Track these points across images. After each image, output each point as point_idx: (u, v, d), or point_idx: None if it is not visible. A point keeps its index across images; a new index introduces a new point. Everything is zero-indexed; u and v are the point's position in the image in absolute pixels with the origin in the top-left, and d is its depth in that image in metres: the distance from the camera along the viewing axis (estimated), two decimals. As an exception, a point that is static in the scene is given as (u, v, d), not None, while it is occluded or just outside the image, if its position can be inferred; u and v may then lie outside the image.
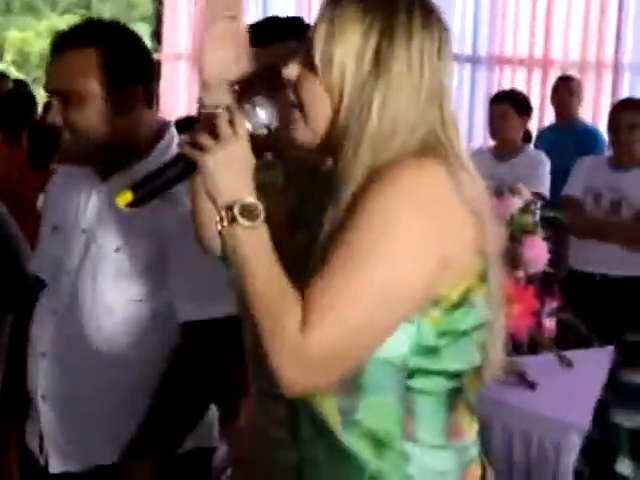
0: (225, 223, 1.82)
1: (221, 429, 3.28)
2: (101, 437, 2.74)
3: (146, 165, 2.67)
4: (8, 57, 27.65)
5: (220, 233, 1.86)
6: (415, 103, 1.88)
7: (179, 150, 1.90)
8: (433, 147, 1.88)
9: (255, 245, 1.82)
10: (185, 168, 1.89)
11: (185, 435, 2.75)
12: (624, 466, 1.89)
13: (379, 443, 1.92)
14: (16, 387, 2.89)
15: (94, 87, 2.68)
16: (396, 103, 1.86)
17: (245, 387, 2.82)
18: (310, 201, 2.04)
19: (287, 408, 2.07)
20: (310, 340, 1.75)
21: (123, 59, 2.72)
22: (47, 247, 2.89)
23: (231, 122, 1.86)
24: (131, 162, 2.73)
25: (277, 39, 2.54)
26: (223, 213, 1.82)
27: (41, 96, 8.83)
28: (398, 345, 1.85)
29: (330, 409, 1.92)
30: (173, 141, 2.80)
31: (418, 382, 1.90)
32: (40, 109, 8.69)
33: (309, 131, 1.93)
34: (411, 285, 1.81)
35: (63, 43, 2.72)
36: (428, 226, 1.81)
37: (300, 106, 1.92)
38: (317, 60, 1.88)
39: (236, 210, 1.81)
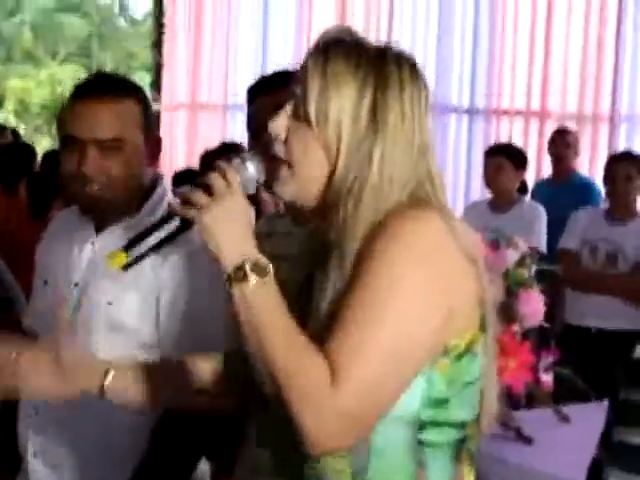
0: (234, 283, 1.80)
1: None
2: None
3: (138, 219, 2.70)
4: (9, 106, 27.75)
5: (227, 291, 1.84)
6: (409, 156, 1.90)
7: (171, 209, 1.88)
8: (423, 200, 1.89)
9: (270, 302, 1.81)
10: (179, 227, 1.88)
11: None
12: None
13: None
14: (8, 443, 2.87)
15: (136, 136, 2.70)
16: (393, 157, 1.87)
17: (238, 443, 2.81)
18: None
19: (289, 468, 2.03)
20: (340, 397, 1.74)
21: (149, 111, 2.79)
22: (39, 301, 2.88)
23: (224, 177, 1.84)
24: (124, 215, 2.73)
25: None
26: (232, 272, 1.80)
27: (41, 145, 8.89)
28: (410, 400, 1.86)
29: (342, 469, 1.91)
30: (165, 195, 2.81)
31: (429, 434, 1.91)
32: (39, 159, 8.69)
33: (298, 187, 1.93)
34: (420, 339, 1.82)
35: (95, 93, 2.71)
36: (432, 279, 1.82)
37: (289, 161, 1.91)
38: (312, 116, 1.87)
39: (247, 268, 1.79)
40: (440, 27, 9.18)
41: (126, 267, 1.88)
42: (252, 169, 1.91)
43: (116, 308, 2.69)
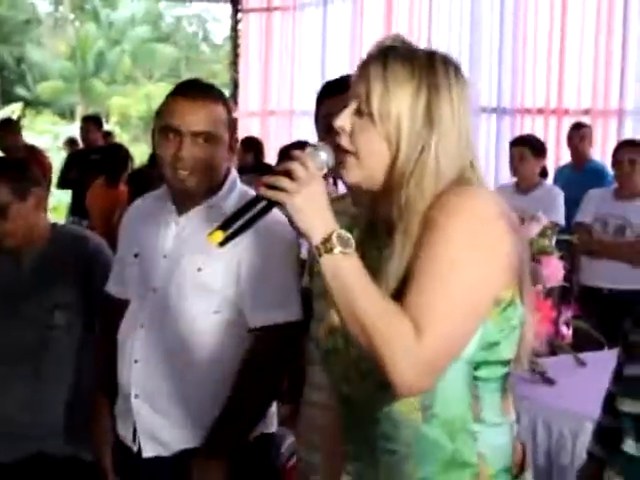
0: (323, 253, 1.79)
1: (289, 422, 3.29)
2: (186, 426, 2.74)
3: (214, 202, 2.73)
4: (113, 119, 28.05)
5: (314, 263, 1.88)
6: (458, 146, 1.90)
7: (261, 193, 1.84)
8: (470, 180, 1.90)
9: (356, 270, 1.80)
10: (265, 208, 1.86)
11: (255, 424, 2.76)
12: (630, 446, 1.85)
13: (453, 428, 1.92)
14: (107, 387, 2.89)
15: (223, 133, 2.73)
16: (445, 147, 1.87)
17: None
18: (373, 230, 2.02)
19: (360, 411, 2.00)
20: (425, 346, 1.74)
21: (232, 114, 2.83)
22: (130, 271, 2.88)
23: (304, 165, 1.83)
24: (203, 198, 2.74)
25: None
26: (320, 245, 1.79)
27: (139, 151, 9.01)
28: (470, 345, 1.86)
29: (413, 405, 1.90)
30: (236, 182, 2.82)
31: (482, 372, 1.92)
32: (142, 161, 8.81)
33: (363, 173, 1.91)
34: (483, 295, 1.84)
35: (193, 93, 2.74)
36: (489, 244, 1.82)
37: (355, 152, 1.90)
38: (376, 116, 1.87)
39: (334, 240, 1.78)
40: (471, 37, 9.15)
41: (223, 243, 1.86)
42: (324, 156, 1.88)
43: (205, 274, 2.71)
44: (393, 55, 1.89)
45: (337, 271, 1.79)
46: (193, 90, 2.76)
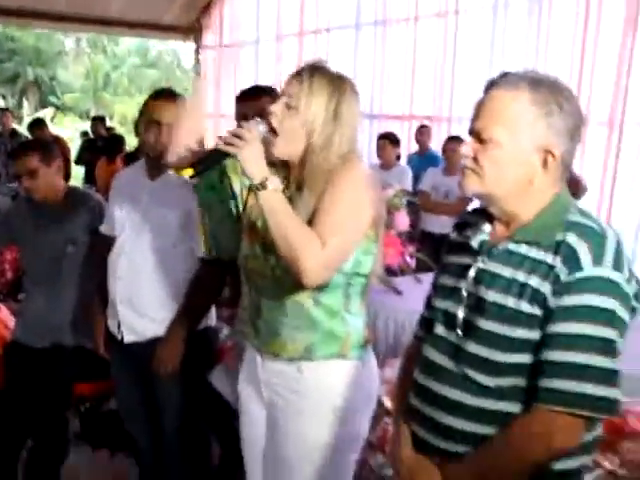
0: (261, 189, 1.78)
1: (229, 320, 3.27)
2: (154, 321, 2.71)
3: (168, 175, 2.66)
4: (116, 119, 27.71)
5: (252, 198, 1.90)
6: (351, 134, 1.92)
7: (218, 147, 1.83)
8: (356, 157, 1.94)
9: (282, 201, 1.80)
10: (222, 156, 1.85)
11: (200, 320, 2.74)
12: (439, 329, 1.82)
13: (331, 313, 1.95)
14: (103, 295, 2.85)
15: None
16: (344, 135, 1.90)
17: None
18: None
19: (268, 298, 2.00)
20: (326, 252, 1.77)
21: None
22: (117, 217, 2.81)
23: (249, 130, 1.82)
24: (167, 170, 2.67)
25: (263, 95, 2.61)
26: (259, 184, 1.79)
27: (132, 141, 8.88)
28: (348, 261, 1.91)
29: (305, 296, 1.93)
30: None
31: (352, 280, 1.95)
32: (133, 146, 8.65)
33: (285, 150, 1.91)
34: (361, 228, 1.88)
35: (170, 97, 2.64)
36: (366, 200, 1.87)
37: (281, 133, 1.90)
38: (300, 110, 1.87)
39: (268, 183, 1.78)
40: (354, 64, 8.96)
41: (192, 177, 1.87)
42: (262, 127, 1.87)
43: (166, 220, 2.66)
44: (317, 71, 1.91)
45: (270, 201, 1.79)
46: (166, 94, 2.70)
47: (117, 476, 3.54)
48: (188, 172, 1.86)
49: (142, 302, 2.71)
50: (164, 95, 2.68)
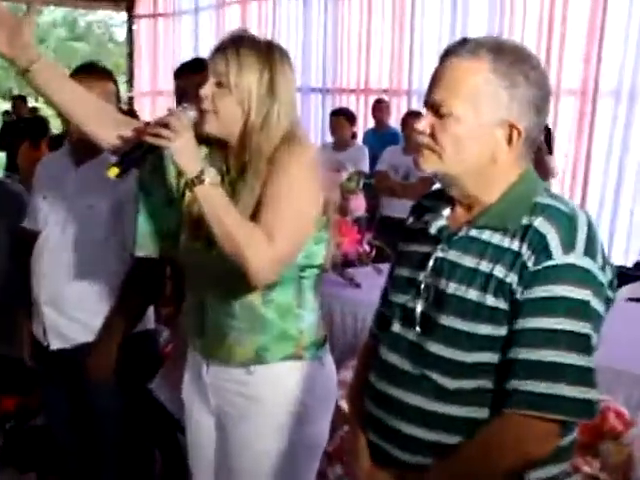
0: (197, 184, 1.77)
1: (169, 320, 3.23)
2: (84, 324, 2.66)
3: (106, 157, 2.55)
4: (40, 99, 27.16)
5: (188, 192, 1.87)
6: (290, 109, 1.92)
7: (144, 140, 1.79)
8: (301, 136, 1.94)
9: (221, 195, 1.80)
10: (149, 150, 1.81)
11: (136, 323, 2.69)
12: (396, 327, 1.81)
13: (283, 311, 1.96)
14: (25, 299, 2.78)
15: (114, 103, 2.60)
16: (282, 110, 1.90)
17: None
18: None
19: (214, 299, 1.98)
20: (274, 249, 1.77)
21: (119, 91, 2.75)
22: (40, 209, 2.75)
23: (179, 119, 1.81)
24: (96, 155, 2.62)
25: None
26: (195, 179, 1.77)
27: (58, 123, 8.76)
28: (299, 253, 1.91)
29: (254, 295, 1.93)
30: None
31: (304, 273, 1.97)
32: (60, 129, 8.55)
33: (220, 128, 1.91)
34: (311, 217, 1.88)
35: (94, 72, 2.61)
36: (314, 183, 1.87)
37: (216, 111, 1.89)
38: (232, 87, 1.87)
39: (204, 176, 1.77)
40: (304, 34, 8.99)
41: (119, 176, 1.80)
42: (192, 113, 1.86)
43: (95, 210, 2.61)
44: (243, 43, 1.89)
45: (207, 197, 1.78)
46: (89, 69, 2.63)
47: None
48: (113, 172, 1.80)
49: (69, 303, 2.65)
50: (86, 70, 2.62)
